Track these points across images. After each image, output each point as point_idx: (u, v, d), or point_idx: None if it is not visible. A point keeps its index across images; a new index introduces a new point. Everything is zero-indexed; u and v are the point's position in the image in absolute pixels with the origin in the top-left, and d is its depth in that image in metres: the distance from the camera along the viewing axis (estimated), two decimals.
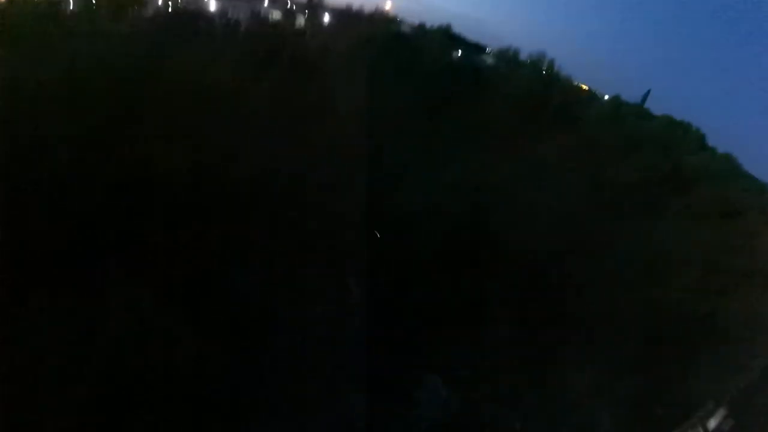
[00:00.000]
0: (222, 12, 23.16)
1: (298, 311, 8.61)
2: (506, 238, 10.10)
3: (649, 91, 25.33)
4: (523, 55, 24.58)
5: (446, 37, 24.32)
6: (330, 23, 27.29)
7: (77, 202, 9.24)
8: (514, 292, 10.12)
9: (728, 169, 19.07)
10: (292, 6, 26.30)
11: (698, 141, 22.36)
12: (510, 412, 9.73)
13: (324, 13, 27.85)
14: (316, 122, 10.62)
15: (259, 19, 24.69)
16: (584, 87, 23.83)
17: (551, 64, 20.11)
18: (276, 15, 26.19)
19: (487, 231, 10.11)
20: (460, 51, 25.79)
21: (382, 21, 22.56)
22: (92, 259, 8.56)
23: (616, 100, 24.47)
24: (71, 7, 15.80)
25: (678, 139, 18.63)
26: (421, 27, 23.86)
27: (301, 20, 26.91)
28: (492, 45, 24.39)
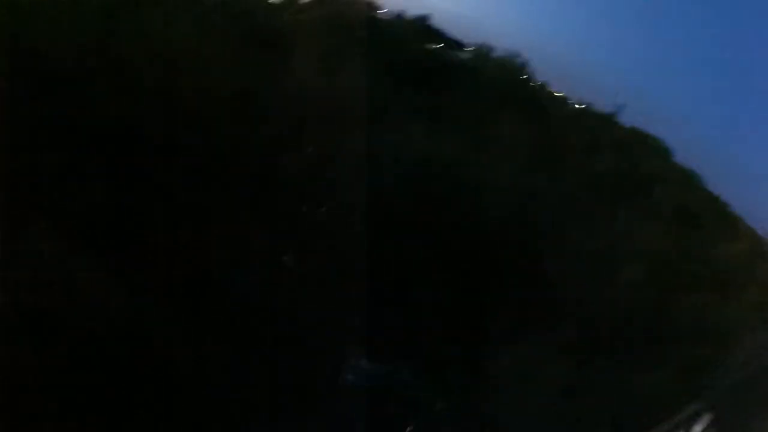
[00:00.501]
0: None
1: (297, 311, 8.57)
2: (456, 225, 10.04)
3: (622, 105, 26.15)
4: (500, 54, 24.85)
5: (422, 28, 24.49)
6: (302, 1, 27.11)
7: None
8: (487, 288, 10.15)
9: (688, 181, 19.79)
10: None
11: (662, 153, 23.12)
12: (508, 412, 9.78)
13: None
14: (281, 101, 10.14)
15: None
16: (557, 93, 24.03)
17: (524, 65, 20.34)
18: None
19: (440, 220, 10.06)
20: (435, 44, 25.95)
21: (357, 5, 22.57)
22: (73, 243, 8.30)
23: (586, 107, 25.12)
24: None
25: (640, 148, 19.21)
26: (399, 16, 24.03)
27: None
28: (474, 42, 24.57)
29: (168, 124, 10.04)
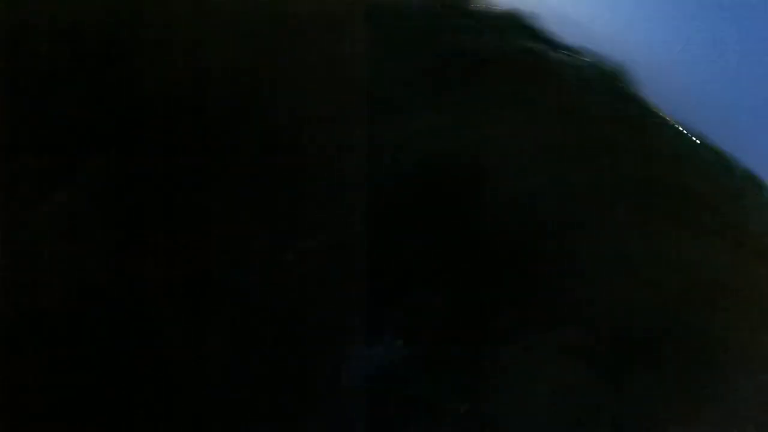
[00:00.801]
0: None
1: (297, 309, 8.55)
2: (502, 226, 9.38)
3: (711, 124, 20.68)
4: (598, 61, 20.42)
5: (510, 23, 19.58)
6: None
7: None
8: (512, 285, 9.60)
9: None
10: None
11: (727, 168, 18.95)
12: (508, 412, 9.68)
13: None
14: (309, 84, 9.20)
15: None
16: (651, 108, 17.84)
17: (622, 76, 15.40)
18: None
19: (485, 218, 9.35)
20: (525, 40, 22.03)
21: None
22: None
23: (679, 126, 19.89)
24: None
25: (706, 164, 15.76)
26: (490, 7, 18.78)
27: None
28: (579, 46, 18.84)
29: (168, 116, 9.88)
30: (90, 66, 8.77)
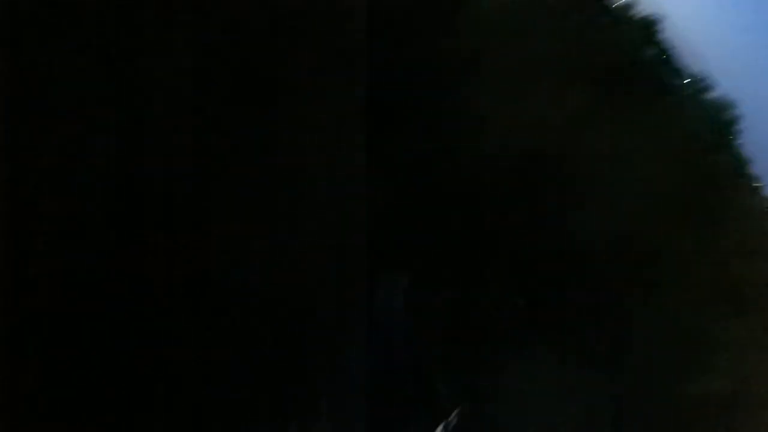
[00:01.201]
0: None
1: (297, 309, 8.58)
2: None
3: None
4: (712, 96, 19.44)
5: (639, 27, 18.56)
6: None
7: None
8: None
9: None
10: None
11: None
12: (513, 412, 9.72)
13: None
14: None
15: None
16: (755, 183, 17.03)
17: (730, 121, 14.96)
18: None
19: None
20: (656, 53, 21.60)
21: None
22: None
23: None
24: None
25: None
26: (629, 7, 17.90)
27: None
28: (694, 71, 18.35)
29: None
30: (90, 66, 8.67)
